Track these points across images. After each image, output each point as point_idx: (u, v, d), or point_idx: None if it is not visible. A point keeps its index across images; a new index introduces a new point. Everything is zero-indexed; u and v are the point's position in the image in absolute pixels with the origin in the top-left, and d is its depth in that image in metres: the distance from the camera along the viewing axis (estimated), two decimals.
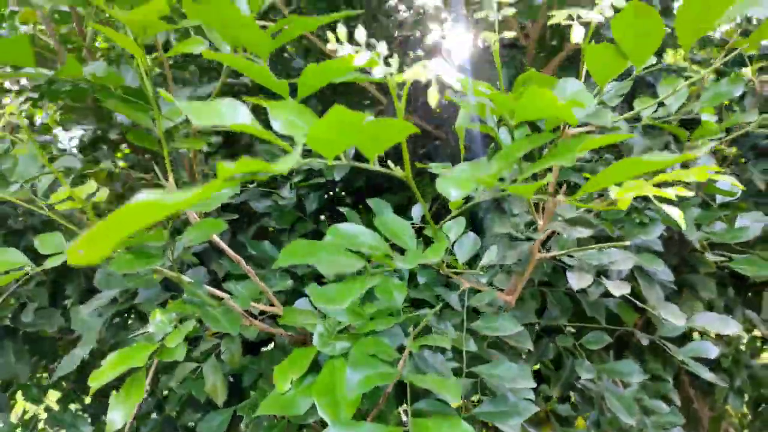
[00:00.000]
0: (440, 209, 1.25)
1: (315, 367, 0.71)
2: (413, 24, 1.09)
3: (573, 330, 1.09)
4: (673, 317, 0.79)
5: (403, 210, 1.35)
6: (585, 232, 0.82)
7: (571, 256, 0.86)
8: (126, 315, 1.06)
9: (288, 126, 0.46)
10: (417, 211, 1.07)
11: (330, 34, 0.44)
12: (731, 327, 0.78)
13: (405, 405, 0.70)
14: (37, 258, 0.73)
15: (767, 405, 1.89)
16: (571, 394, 1.37)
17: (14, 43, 0.62)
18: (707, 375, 0.96)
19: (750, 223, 0.89)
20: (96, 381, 0.67)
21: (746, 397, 1.76)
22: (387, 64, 0.45)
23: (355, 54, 0.43)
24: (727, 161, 1.24)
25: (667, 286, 0.95)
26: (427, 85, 0.40)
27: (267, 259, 1.09)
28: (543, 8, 1.06)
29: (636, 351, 1.42)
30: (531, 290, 1.16)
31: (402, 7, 1.24)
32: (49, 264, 0.77)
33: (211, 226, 0.72)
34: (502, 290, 0.90)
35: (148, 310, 0.97)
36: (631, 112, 0.80)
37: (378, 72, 0.43)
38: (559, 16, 0.57)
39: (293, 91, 0.50)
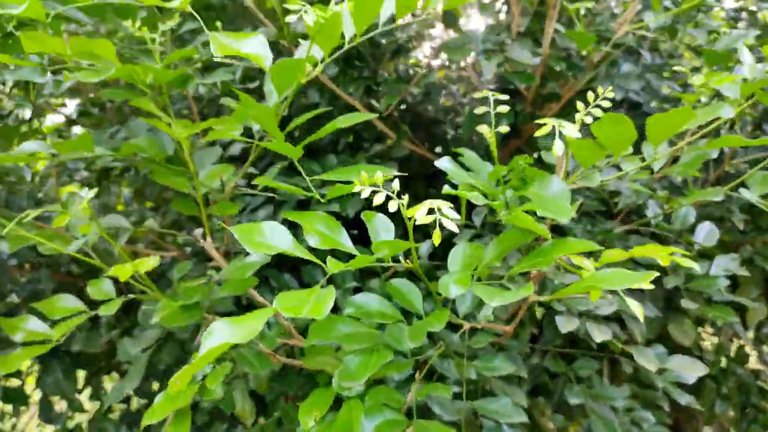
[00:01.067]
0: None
1: (335, 405, 0.83)
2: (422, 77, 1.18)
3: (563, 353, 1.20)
4: (646, 362, 0.90)
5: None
6: (573, 278, 0.93)
7: (560, 300, 0.97)
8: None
9: (321, 241, 0.57)
10: (425, 248, 1.18)
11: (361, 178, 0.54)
12: (699, 370, 0.89)
13: None
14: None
15: (753, 408, 2.00)
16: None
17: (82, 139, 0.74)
18: (685, 399, 1.08)
19: (722, 271, 1.00)
20: (149, 420, 0.79)
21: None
22: (399, 196, 0.55)
23: (368, 187, 0.54)
24: None
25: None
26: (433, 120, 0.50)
27: (287, 289, 1.20)
28: (543, 50, 1.15)
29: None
30: (527, 315, 1.27)
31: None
32: (103, 311, 0.89)
33: (244, 284, 0.84)
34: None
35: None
36: (619, 173, 0.90)
37: (392, 207, 0.54)
38: (544, 129, 0.67)
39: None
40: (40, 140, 0.79)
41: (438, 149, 1.61)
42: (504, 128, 0.74)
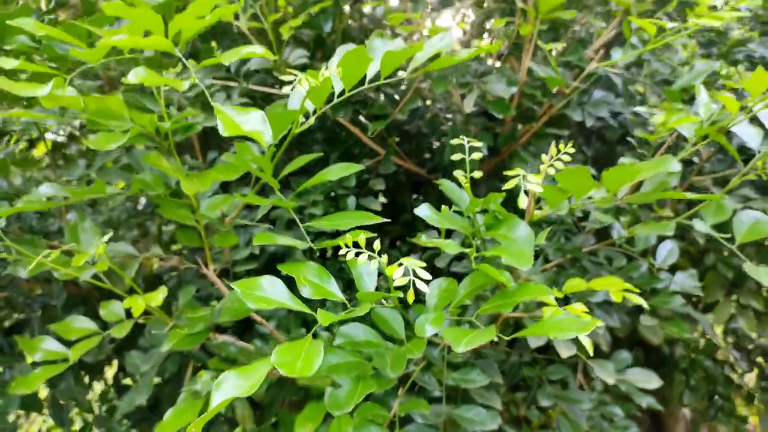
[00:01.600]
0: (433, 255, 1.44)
1: (328, 417, 0.93)
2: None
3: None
4: (605, 375, 1.00)
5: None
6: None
7: (531, 318, 1.07)
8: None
9: (314, 292, 0.65)
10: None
11: (345, 239, 0.63)
12: (654, 383, 0.99)
13: None
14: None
15: (720, 397, 2.13)
16: None
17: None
18: (645, 401, 1.18)
19: (680, 287, 1.10)
20: None
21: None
22: (379, 254, 0.64)
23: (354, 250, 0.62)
24: None
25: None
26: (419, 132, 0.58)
27: None
28: (519, 82, 1.23)
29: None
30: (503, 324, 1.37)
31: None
32: (115, 333, 0.98)
33: (243, 311, 0.92)
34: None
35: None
36: (587, 201, 0.99)
37: (374, 265, 0.63)
38: (511, 182, 0.76)
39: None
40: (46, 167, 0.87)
41: (425, 157, 1.69)
42: (477, 173, 0.83)
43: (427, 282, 0.60)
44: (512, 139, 1.33)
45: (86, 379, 1.65)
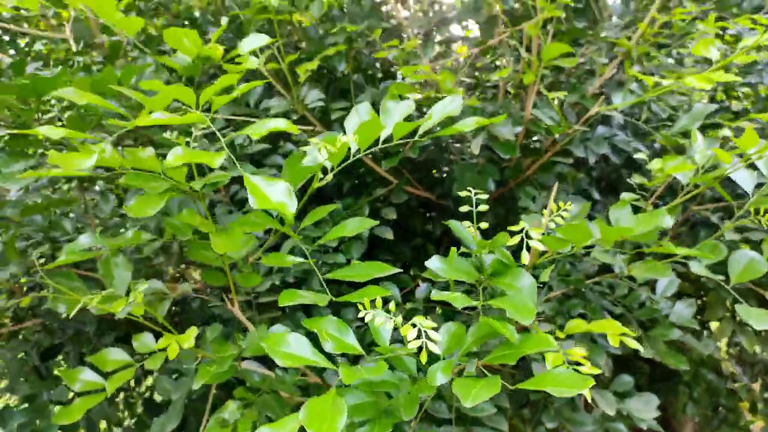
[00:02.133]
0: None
1: None
2: None
3: None
4: (605, 405, 1.06)
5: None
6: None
7: None
8: None
9: (335, 346, 0.72)
10: (421, 291, 1.33)
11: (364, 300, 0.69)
12: (652, 410, 1.04)
13: None
14: None
15: (723, 408, 2.17)
16: None
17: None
18: (646, 425, 1.23)
19: (678, 317, 1.15)
20: None
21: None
22: (389, 311, 0.70)
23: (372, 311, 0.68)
24: None
25: None
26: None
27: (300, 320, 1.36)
28: (525, 117, 1.28)
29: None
30: None
31: None
32: (149, 365, 1.05)
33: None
34: None
35: None
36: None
37: (390, 325, 0.69)
38: (515, 238, 0.81)
39: None
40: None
41: (435, 181, 1.75)
42: (484, 224, 0.89)
43: (437, 342, 0.66)
44: (519, 171, 1.39)
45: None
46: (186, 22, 1.64)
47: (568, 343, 1.13)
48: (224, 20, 1.08)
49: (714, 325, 1.80)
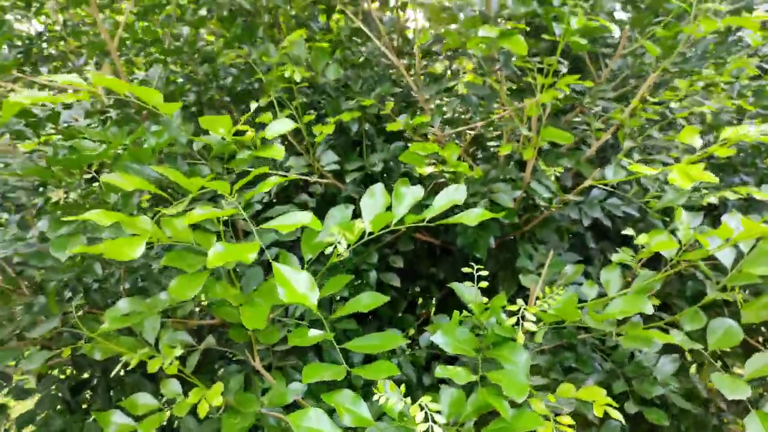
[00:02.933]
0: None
1: None
2: None
3: None
4: None
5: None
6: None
7: None
8: None
9: (353, 419, 0.80)
10: (424, 339, 1.42)
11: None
12: None
13: None
14: None
15: None
16: None
17: None
18: None
19: (662, 374, 1.23)
20: None
21: None
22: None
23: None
24: None
25: None
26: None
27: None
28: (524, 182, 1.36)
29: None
30: None
31: None
32: (177, 412, 1.13)
33: (286, 401, 1.07)
34: None
35: None
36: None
37: (397, 407, 0.77)
38: (511, 320, 0.90)
39: None
40: None
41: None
42: (484, 283, 0.97)
43: (440, 424, 0.74)
44: (518, 227, 1.47)
45: None
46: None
47: (560, 400, 1.21)
48: (253, 105, 1.18)
49: None
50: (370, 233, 0.95)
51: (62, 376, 1.51)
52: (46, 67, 2.15)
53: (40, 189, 1.39)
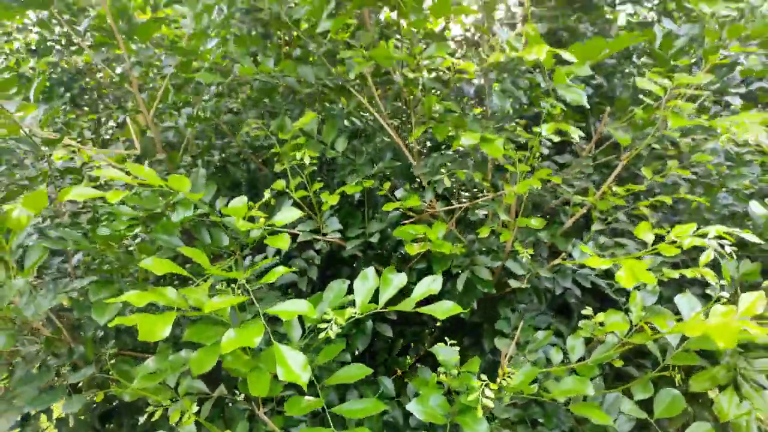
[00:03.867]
0: None
1: None
2: None
3: None
4: None
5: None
6: None
7: None
8: None
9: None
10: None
11: None
12: None
13: None
14: None
15: None
16: None
17: None
18: None
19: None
20: None
21: None
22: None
23: None
24: None
25: None
26: None
27: None
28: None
29: None
30: None
31: None
32: None
33: None
34: None
35: None
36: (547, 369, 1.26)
37: None
38: (472, 396, 1.05)
39: None
40: None
41: None
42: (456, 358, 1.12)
43: None
44: (499, 289, 1.62)
45: None
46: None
47: None
48: (267, 194, 1.35)
49: None
50: (361, 313, 1.11)
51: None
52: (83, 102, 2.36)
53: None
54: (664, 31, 1.76)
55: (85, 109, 2.62)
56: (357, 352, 1.90)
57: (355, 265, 1.82)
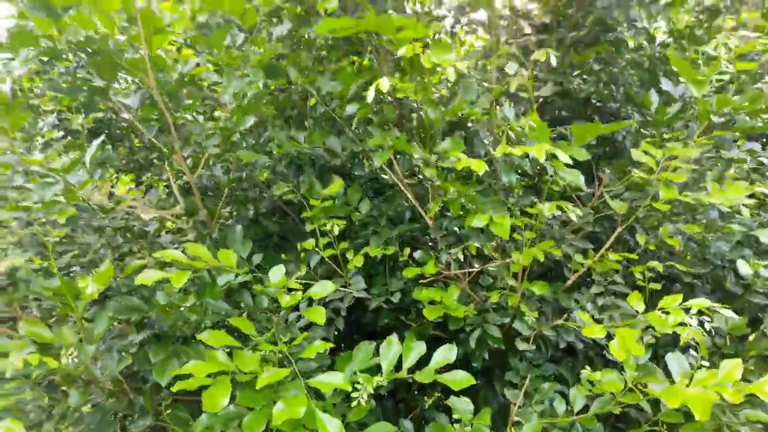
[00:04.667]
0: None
1: None
2: None
3: None
4: None
5: None
6: None
7: None
8: None
9: None
10: None
11: None
12: None
13: None
14: None
15: None
16: None
17: None
18: None
19: None
20: None
21: None
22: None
23: None
24: None
25: None
26: None
27: None
28: None
29: None
30: None
31: None
32: None
33: None
34: None
35: None
36: None
37: None
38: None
39: None
40: None
41: None
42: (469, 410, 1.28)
43: None
44: (508, 342, 1.77)
45: None
46: None
47: None
48: (297, 274, 1.51)
49: None
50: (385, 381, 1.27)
51: None
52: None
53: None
54: (661, 99, 1.90)
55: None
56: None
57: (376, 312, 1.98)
